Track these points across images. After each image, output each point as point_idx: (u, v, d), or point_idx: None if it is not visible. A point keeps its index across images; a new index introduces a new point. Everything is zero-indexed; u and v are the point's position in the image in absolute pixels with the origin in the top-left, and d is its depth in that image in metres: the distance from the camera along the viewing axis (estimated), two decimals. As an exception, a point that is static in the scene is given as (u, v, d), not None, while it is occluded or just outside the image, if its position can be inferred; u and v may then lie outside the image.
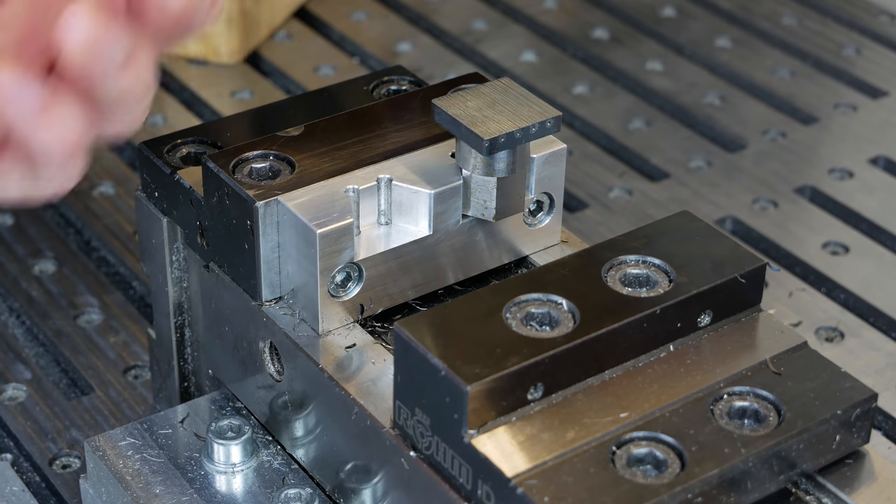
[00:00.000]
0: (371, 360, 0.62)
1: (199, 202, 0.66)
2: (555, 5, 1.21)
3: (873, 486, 0.58)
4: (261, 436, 0.67)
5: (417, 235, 0.64)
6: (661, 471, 0.54)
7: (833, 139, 1.04)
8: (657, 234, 0.62)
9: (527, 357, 0.55)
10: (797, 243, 0.93)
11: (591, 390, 0.57)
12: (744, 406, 0.57)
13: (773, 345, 0.60)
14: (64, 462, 0.76)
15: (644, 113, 1.07)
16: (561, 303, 0.58)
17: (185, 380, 0.73)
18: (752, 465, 0.55)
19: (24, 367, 0.82)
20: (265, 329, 0.65)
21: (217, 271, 0.67)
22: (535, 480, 0.53)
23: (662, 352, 0.59)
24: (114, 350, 0.83)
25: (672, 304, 0.58)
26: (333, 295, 0.63)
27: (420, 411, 0.56)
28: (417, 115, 0.68)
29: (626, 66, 1.12)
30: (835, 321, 0.86)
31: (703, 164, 1.01)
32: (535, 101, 0.63)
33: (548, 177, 0.67)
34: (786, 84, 1.10)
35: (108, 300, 0.87)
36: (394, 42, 1.14)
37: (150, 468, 0.66)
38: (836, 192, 0.98)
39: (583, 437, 0.55)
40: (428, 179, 0.64)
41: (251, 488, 0.65)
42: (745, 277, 0.60)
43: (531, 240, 0.68)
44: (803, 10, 1.20)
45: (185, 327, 0.72)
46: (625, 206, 0.96)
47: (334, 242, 0.62)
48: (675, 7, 1.20)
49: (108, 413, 0.79)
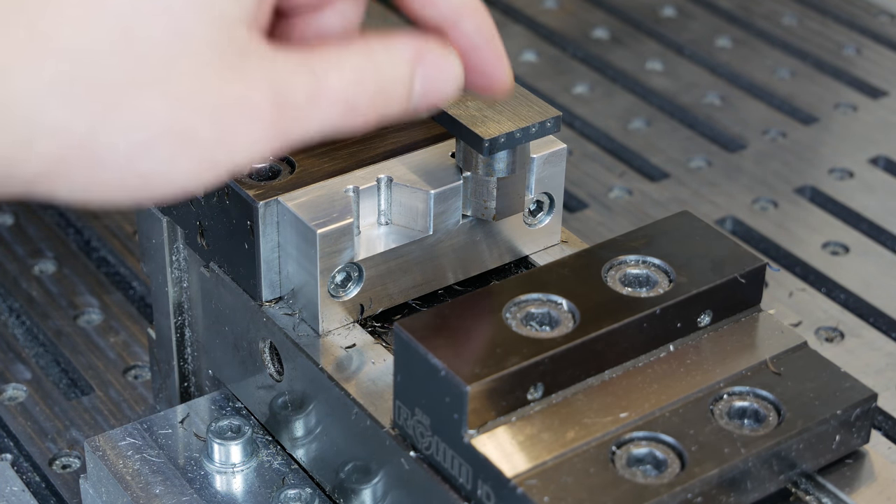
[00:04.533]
0: (371, 360, 0.62)
1: (198, 202, 0.67)
2: (555, 5, 1.21)
3: (873, 486, 0.58)
4: (261, 436, 0.67)
5: (417, 235, 0.64)
6: (661, 471, 0.54)
7: (833, 139, 1.04)
8: (657, 234, 0.62)
9: (527, 357, 0.55)
10: (797, 243, 0.93)
11: (591, 390, 0.57)
12: (744, 406, 0.57)
13: (773, 345, 0.60)
14: (64, 462, 0.76)
15: (644, 113, 1.07)
16: (561, 303, 0.58)
17: (185, 380, 0.73)
18: (751, 465, 0.55)
19: (24, 367, 0.82)
20: (265, 329, 0.65)
21: (217, 271, 0.67)
22: (535, 480, 0.53)
23: (662, 352, 0.59)
24: (114, 350, 0.83)
25: (672, 304, 0.58)
26: (333, 295, 0.63)
27: (420, 411, 0.56)
28: (417, 115, 0.68)
29: (626, 66, 1.12)
30: (835, 321, 0.86)
31: (703, 164, 1.01)
32: (535, 101, 0.63)
33: (548, 177, 0.67)
34: (786, 84, 1.10)
35: (108, 300, 0.87)
36: (394, 42, 1.14)
37: (150, 468, 0.66)
38: (836, 192, 0.98)
39: (583, 437, 0.55)
40: (428, 179, 0.64)
41: (251, 488, 0.65)
42: (745, 277, 0.60)
43: (531, 240, 0.68)
44: (803, 10, 1.20)
45: (185, 327, 0.72)
46: (625, 206, 0.96)
47: (334, 242, 0.62)
48: (675, 7, 1.20)
49: (108, 413, 0.79)
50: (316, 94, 0.51)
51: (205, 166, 0.49)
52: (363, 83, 0.52)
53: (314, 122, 0.51)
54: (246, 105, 0.49)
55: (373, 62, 0.52)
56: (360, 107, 0.52)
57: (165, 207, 0.69)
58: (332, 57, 0.52)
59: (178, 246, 0.70)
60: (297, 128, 0.51)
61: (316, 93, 0.51)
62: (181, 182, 0.49)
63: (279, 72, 0.50)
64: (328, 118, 0.51)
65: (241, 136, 0.49)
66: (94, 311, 0.86)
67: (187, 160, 0.49)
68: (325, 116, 0.51)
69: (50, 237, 0.92)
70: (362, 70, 0.52)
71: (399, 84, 0.53)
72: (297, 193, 0.63)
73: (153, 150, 0.48)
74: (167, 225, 0.69)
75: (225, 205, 0.64)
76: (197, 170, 0.49)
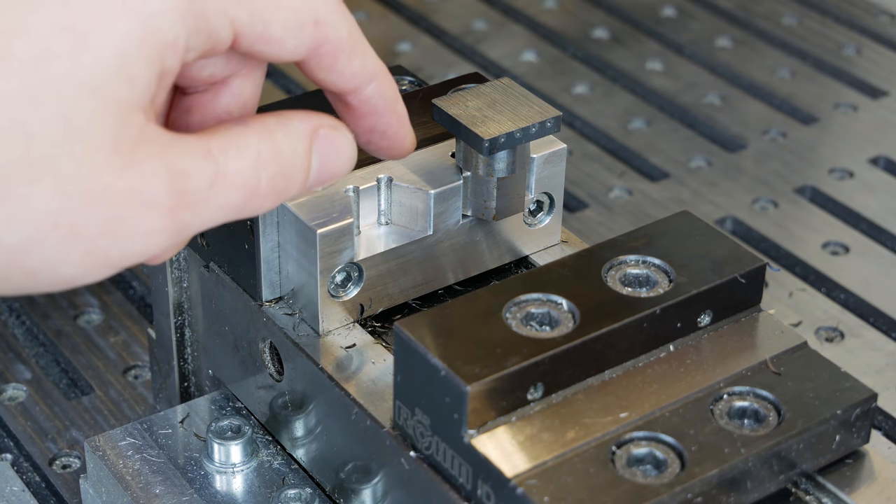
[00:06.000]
0: (371, 360, 0.62)
1: (199, 202, 0.66)
2: (555, 5, 1.21)
3: (873, 485, 0.58)
4: (261, 436, 0.67)
5: (417, 235, 0.64)
6: (661, 471, 0.54)
7: (833, 139, 1.04)
8: (657, 234, 0.62)
9: (527, 357, 0.55)
10: (797, 243, 0.93)
11: (591, 390, 0.57)
12: (744, 406, 0.57)
13: (773, 345, 0.60)
14: (64, 462, 0.76)
15: (644, 113, 1.07)
16: (561, 303, 0.58)
17: (185, 380, 0.73)
18: (752, 464, 0.55)
19: (24, 367, 0.82)
20: (265, 329, 0.65)
21: (217, 271, 0.67)
22: (535, 480, 0.53)
23: (662, 352, 0.59)
24: (114, 350, 0.83)
25: (672, 304, 0.58)
26: (333, 295, 0.63)
27: (420, 411, 0.56)
28: (417, 115, 0.68)
29: (626, 66, 1.12)
30: (835, 321, 0.86)
31: (703, 164, 1.01)
32: (536, 101, 0.63)
33: (548, 177, 0.67)
34: (786, 84, 1.10)
35: (108, 300, 0.87)
36: (394, 42, 1.14)
37: (150, 468, 0.66)
38: (836, 192, 0.98)
39: (583, 437, 0.55)
40: (428, 179, 0.64)
41: (251, 488, 0.65)
42: (745, 277, 0.60)
43: (531, 240, 0.68)
44: (803, 10, 1.20)
45: (185, 327, 0.72)
46: (625, 206, 0.97)
47: (334, 242, 0.62)
48: (675, 7, 1.20)
49: (108, 413, 0.79)
50: (216, 180, 0.49)
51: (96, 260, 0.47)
52: (264, 165, 0.51)
53: (214, 208, 0.49)
54: (141, 195, 0.47)
55: (272, 141, 0.51)
56: (261, 189, 0.50)
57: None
58: (232, 139, 0.50)
59: (178, 246, 0.70)
60: (196, 216, 0.49)
61: (216, 178, 0.49)
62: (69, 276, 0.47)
63: (177, 158, 0.48)
64: (229, 203, 0.50)
65: (135, 228, 0.47)
66: (94, 311, 0.86)
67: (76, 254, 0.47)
68: (225, 202, 0.49)
69: (50, 237, 0.92)
70: (262, 151, 0.51)
71: (298, 162, 0.52)
72: (297, 193, 0.63)
73: (41, 245, 0.46)
74: (167, 225, 0.69)
75: (225, 205, 0.64)
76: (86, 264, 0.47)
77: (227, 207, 0.50)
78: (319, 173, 0.54)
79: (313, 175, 0.53)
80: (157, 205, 0.47)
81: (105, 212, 0.46)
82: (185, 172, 0.48)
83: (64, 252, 0.46)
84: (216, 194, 0.49)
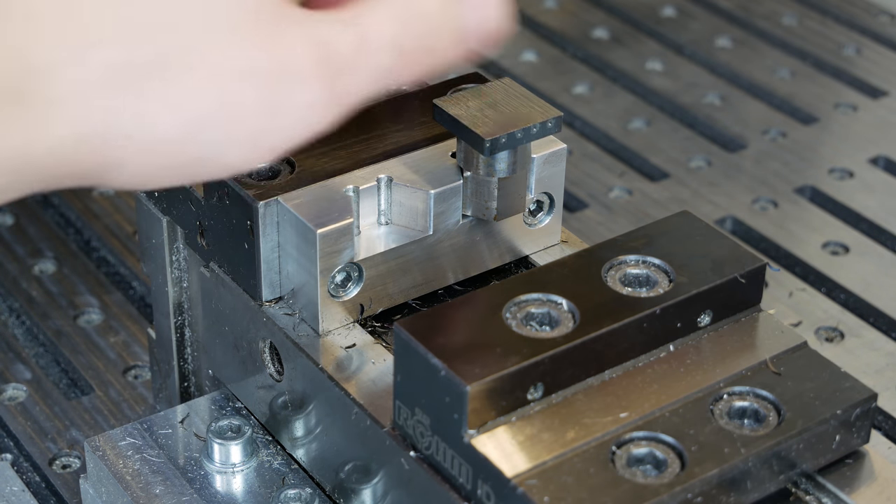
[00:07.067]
0: (371, 360, 0.62)
1: (198, 202, 0.66)
2: (555, 5, 1.21)
3: (873, 485, 0.58)
4: (261, 436, 0.67)
5: (417, 235, 0.64)
6: (661, 471, 0.54)
7: (833, 139, 1.04)
8: (657, 234, 0.62)
9: (527, 357, 0.55)
10: (797, 243, 0.93)
11: (591, 390, 0.57)
12: (744, 406, 0.57)
13: (773, 345, 0.60)
14: (64, 462, 0.76)
15: (644, 113, 1.07)
16: (561, 303, 0.58)
17: (185, 380, 0.73)
18: (752, 464, 0.55)
19: (24, 367, 0.82)
20: (265, 329, 0.65)
21: (217, 271, 0.67)
22: (535, 480, 0.53)
23: (662, 352, 0.59)
24: (114, 350, 0.83)
25: (672, 304, 0.58)
26: (333, 295, 0.63)
27: (420, 411, 0.56)
28: (417, 115, 0.68)
29: (626, 65, 1.12)
30: (835, 321, 0.86)
31: (703, 164, 1.01)
32: (536, 101, 0.63)
33: (548, 177, 0.67)
34: (786, 84, 1.10)
35: (108, 300, 0.87)
36: (394, 42, 1.13)
37: (150, 468, 0.66)
38: (836, 192, 0.98)
39: (583, 437, 0.55)
40: (428, 179, 0.64)
41: (251, 488, 0.65)
42: (745, 277, 0.60)
43: (531, 240, 0.68)
44: (803, 10, 1.20)
45: (185, 327, 0.72)
46: (625, 206, 0.96)
47: (334, 242, 0.62)
48: (675, 7, 1.20)
49: (108, 413, 0.79)
50: (361, 43, 0.49)
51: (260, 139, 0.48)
52: (409, 23, 0.50)
53: (364, 74, 0.49)
54: (289, 67, 0.48)
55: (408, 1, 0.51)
56: (409, 50, 0.50)
57: (165, 207, 0.69)
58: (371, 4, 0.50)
59: (178, 246, 0.70)
60: (348, 83, 0.49)
61: (361, 41, 0.49)
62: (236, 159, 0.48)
63: (318, 29, 0.48)
64: (379, 66, 0.49)
65: (291, 102, 0.48)
66: (94, 311, 0.86)
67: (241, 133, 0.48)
68: (375, 64, 0.49)
69: (50, 237, 0.92)
70: (405, 9, 0.50)
71: (444, 19, 0.51)
72: (297, 193, 0.63)
73: (205, 129, 0.47)
74: (167, 225, 0.69)
75: (225, 205, 0.64)
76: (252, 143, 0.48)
77: (378, 72, 0.50)
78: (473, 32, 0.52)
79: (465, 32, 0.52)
80: (307, 75, 0.48)
81: (259, 88, 0.47)
82: (327, 41, 0.49)
83: (228, 134, 0.47)
84: (364, 57, 0.49)
